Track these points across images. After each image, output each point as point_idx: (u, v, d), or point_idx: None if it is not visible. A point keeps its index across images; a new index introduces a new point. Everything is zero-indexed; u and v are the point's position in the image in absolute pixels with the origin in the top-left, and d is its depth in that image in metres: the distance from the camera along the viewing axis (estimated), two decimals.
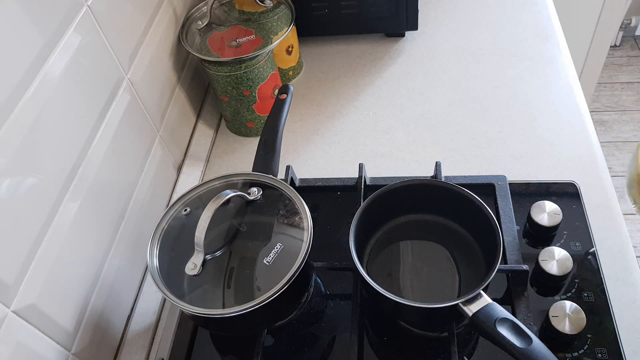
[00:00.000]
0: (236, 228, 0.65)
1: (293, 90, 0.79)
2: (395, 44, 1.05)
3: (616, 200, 0.77)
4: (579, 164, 0.82)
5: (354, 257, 0.62)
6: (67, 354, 0.61)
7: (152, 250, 0.63)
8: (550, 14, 1.07)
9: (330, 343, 0.68)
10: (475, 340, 0.67)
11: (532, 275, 0.69)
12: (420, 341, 0.68)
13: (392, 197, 0.68)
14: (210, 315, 0.58)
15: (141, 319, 0.74)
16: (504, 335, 0.53)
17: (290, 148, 0.91)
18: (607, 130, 2.07)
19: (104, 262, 0.68)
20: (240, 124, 0.93)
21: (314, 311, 0.71)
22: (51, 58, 0.57)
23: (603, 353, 0.62)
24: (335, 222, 0.78)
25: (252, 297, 0.57)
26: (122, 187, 0.73)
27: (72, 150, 0.62)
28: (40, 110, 0.56)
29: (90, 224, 0.65)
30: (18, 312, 0.52)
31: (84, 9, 0.63)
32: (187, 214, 0.66)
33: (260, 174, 0.69)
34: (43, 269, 0.56)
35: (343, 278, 0.74)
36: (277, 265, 0.60)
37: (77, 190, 0.62)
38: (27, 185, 0.54)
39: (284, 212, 0.65)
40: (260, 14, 0.91)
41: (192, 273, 0.61)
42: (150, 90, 0.80)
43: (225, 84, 0.86)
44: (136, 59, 0.75)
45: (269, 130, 0.73)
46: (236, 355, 0.71)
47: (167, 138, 0.86)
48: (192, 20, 0.91)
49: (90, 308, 0.65)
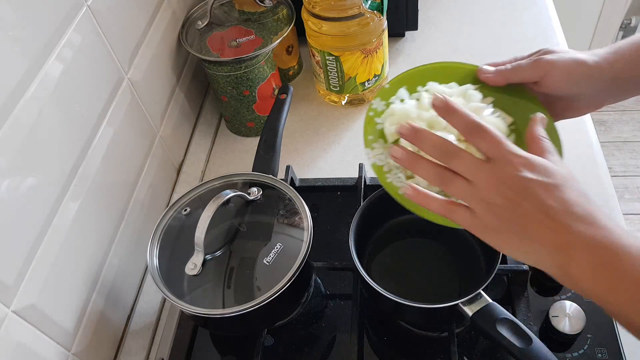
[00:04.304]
0: (236, 228, 0.65)
1: (293, 90, 0.79)
2: (395, 44, 1.05)
3: (616, 200, 0.77)
4: (579, 164, 0.82)
5: (354, 257, 0.62)
6: (67, 354, 0.61)
7: (152, 250, 0.63)
8: (550, 14, 1.07)
9: (330, 343, 0.68)
10: (475, 340, 0.67)
11: (532, 275, 0.69)
12: (420, 341, 0.68)
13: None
14: (210, 315, 0.58)
15: (141, 319, 0.74)
16: (504, 335, 0.53)
17: (290, 148, 0.91)
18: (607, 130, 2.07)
19: (104, 262, 0.68)
20: (240, 124, 0.93)
21: (314, 311, 0.71)
22: (51, 58, 0.57)
23: (603, 353, 0.62)
24: (335, 222, 0.78)
25: (252, 297, 0.58)
26: (122, 187, 0.73)
27: (72, 150, 0.62)
28: (40, 110, 0.56)
29: (90, 224, 0.65)
30: (18, 312, 0.52)
31: (84, 9, 0.63)
32: (187, 214, 0.66)
33: (260, 174, 0.69)
34: (43, 269, 0.56)
35: (343, 278, 0.74)
36: (277, 265, 0.60)
37: (77, 190, 0.62)
38: (27, 185, 0.54)
39: (284, 212, 0.65)
40: (260, 14, 0.91)
41: (192, 273, 0.61)
42: (150, 90, 0.80)
43: (225, 84, 0.86)
44: (136, 59, 0.75)
45: (269, 130, 0.73)
46: (236, 355, 0.71)
47: (167, 138, 0.86)
48: (192, 20, 0.91)
49: (90, 308, 0.65)
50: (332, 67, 0.89)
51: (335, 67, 0.88)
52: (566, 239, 0.44)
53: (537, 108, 0.56)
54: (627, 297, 0.42)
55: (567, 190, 0.45)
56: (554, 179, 0.45)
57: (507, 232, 0.46)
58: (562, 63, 0.54)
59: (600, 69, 0.54)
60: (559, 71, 0.54)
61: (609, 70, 0.54)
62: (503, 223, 0.46)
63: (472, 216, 0.47)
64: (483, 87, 0.57)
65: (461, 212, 0.48)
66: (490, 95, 0.57)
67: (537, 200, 0.45)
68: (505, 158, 0.46)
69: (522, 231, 0.45)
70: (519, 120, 0.56)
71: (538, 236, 0.45)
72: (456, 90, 0.57)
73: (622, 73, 0.54)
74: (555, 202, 0.44)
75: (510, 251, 0.47)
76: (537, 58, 0.55)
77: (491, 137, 0.47)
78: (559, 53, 0.55)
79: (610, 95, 0.57)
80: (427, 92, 0.57)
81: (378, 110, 0.58)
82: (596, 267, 0.43)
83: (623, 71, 0.54)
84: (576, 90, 0.56)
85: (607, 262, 0.42)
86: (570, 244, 0.43)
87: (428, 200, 0.49)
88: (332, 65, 0.88)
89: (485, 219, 0.47)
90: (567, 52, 0.55)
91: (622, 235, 0.43)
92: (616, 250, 0.42)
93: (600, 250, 0.43)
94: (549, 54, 0.55)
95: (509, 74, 0.56)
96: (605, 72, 0.54)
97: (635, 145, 2.02)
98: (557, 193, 0.45)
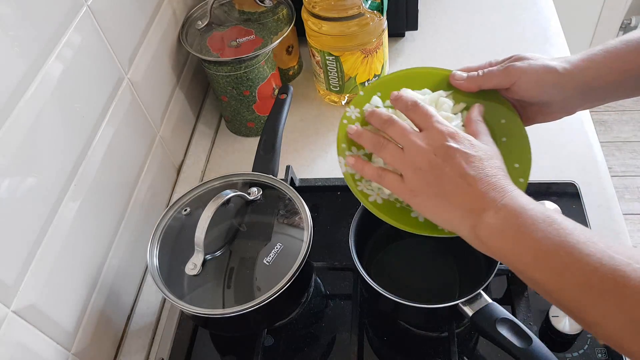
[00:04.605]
0: (236, 228, 0.65)
1: (293, 90, 0.79)
2: (395, 44, 1.05)
3: (616, 200, 0.77)
4: (579, 164, 0.82)
5: (354, 257, 0.62)
6: (67, 354, 0.61)
7: (152, 250, 0.63)
8: (550, 14, 1.07)
9: (330, 343, 0.68)
10: (475, 340, 0.67)
11: None
12: (420, 341, 0.68)
13: None
14: (210, 315, 0.58)
15: (141, 319, 0.74)
16: (504, 335, 0.53)
17: (290, 148, 0.91)
18: (607, 130, 2.07)
19: (104, 262, 0.68)
20: (240, 124, 0.93)
21: (314, 311, 0.71)
22: (51, 58, 0.57)
23: (603, 353, 0.62)
24: (335, 222, 0.78)
25: (252, 297, 0.58)
26: (122, 187, 0.73)
27: (72, 150, 0.62)
28: (40, 110, 0.56)
29: (90, 224, 0.65)
30: (18, 312, 0.52)
31: (84, 9, 0.63)
32: (187, 214, 0.66)
33: (260, 174, 0.69)
34: (43, 269, 0.56)
35: (343, 278, 0.74)
36: (277, 265, 0.60)
37: (77, 190, 0.62)
38: (27, 185, 0.54)
39: (284, 212, 0.65)
40: (260, 14, 0.91)
41: (192, 273, 0.61)
42: (150, 90, 0.80)
43: (225, 84, 0.86)
44: (136, 59, 0.75)
45: (269, 130, 0.73)
46: (236, 355, 0.71)
47: (167, 138, 0.86)
48: (192, 20, 0.91)
49: (90, 308, 0.65)
50: (332, 67, 0.89)
51: (335, 67, 0.88)
52: (479, 204, 0.48)
53: (509, 112, 0.58)
54: (530, 255, 0.45)
55: (486, 163, 0.50)
56: (476, 151, 0.50)
57: (431, 196, 0.51)
58: (532, 71, 0.55)
59: (571, 76, 0.54)
60: (529, 79, 0.55)
61: (581, 78, 0.54)
62: (427, 187, 0.51)
63: (400, 181, 0.52)
64: (456, 92, 0.59)
65: (391, 176, 0.53)
66: (462, 100, 0.59)
67: (459, 166, 0.49)
68: (434, 128, 0.52)
69: (442, 195, 0.50)
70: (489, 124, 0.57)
71: (455, 200, 0.49)
72: (428, 97, 0.59)
73: (593, 81, 0.54)
74: (474, 171, 0.49)
75: (432, 215, 0.52)
76: (508, 65, 0.57)
77: (423, 111, 0.54)
78: (530, 60, 0.56)
79: (582, 102, 0.57)
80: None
81: (352, 118, 0.59)
82: (503, 228, 0.46)
83: (594, 79, 0.54)
84: (546, 98, 0.57)
85: (512, 223, 0.46)
86: (481, 208, 0.48)
87: (364, 166, 0.56)
88: (332, 65, 0.88)
89: (411, 183, 0.51)
90: (539, 59, 0.56)
91: (528, 202, 0.47)
92: (520, 211, 0.46)
93: (507, 213, 0.47)
94: (520, 61, 0.56)
95: (480, 81, 0.58)
96: (577, 80, 0.54)
97: (635, 145, 2.02)
98: (477, 163, 0.49)
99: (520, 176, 0.56)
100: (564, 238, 0.43)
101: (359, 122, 0.59)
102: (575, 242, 0.43)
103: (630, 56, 0.53)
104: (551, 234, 0.44)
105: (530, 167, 0.57)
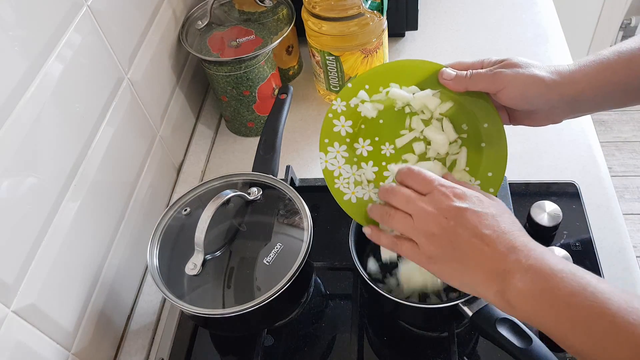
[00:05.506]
0: (236, 228, 0.65)
1: (293, 90, 0.79)
2: (395, 44, 1.05)
3: (616, 200, 0.77)
4: (579, 164, 0.82)
5: (354, 257, 0.62)
6: (67, 354, 0.61)
7: (152, 250, 0.63)
8: (550, 14, 1.07)
9: (330, 343, 0.68)
10: (475, 340, 0.67)
11: None
12: (420, 341, 0.68)
13: None
14: (210, 315, 0.58)
15: (141, 319, 0.74)
16: (504, 335, 0.53)
17: (290, 148, 0.91)
18: (607, 130, 2.07)
19: (104, 262, 0.68)
20: (240, 124, 0.93)
21: (314, 311, 0.71)
22: (51, 58, 0.57)
23: None
24: (335, 222, 0.78)
25: (252, 297, 0.58)
26: (122, 187, 0.73)
27: (72, 150, 0.62)
28: (40, 110, 0.56)
29: (90, 224, 0.65)
30: (18, 312, 0.52)
31: (84, 9, 0.63)
32: (187, 214, 0.66)
33: (260, 174, 0.69)
34: (43, 269, 0.56)
35: (343, 278, 0.74)
36: (277, 265, 0.60)
37: (77, 190, 0.62)
38: (27, 185, 0.54)
39: (284, 212, 0.65)
40: (260, 14, 0.91)
41: (192, 273, 0.61)
42: (150, 90, 0.80)
43: (225, 84, 0.86)
44: (136, 59, 0.75)
45: (269, 130, 0.73)
46: (236, 355, 0.71)
47: (167, 138, 0.86)
48: (192, 20, 0.91)
49: (90, 308, 0.65)
50: (332, 67, 0.89)
51: (335, 67, 0.88)
52: (503, 266, 0.46)
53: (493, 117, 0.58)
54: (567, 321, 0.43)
55: (500, 219, 0.48)
56: (487, 208, 0.48)
57: (449, 261, 0.49)
58: (519, 81, 0.55)
59: (558, 88, 0.54)
60: (514, 88, 0.55)
61: (568, 90, 0.54)
62: (443, 252, 0.48)
63: (415, 248, 0.51)
64: (444, 90, 0.59)
65: (406, 245, 0.52)
66: (450, 99, 0.59)
67: (472, 226, 0.47)
68: (438, 191, 0.50)
69: (461, 258, 0.48)
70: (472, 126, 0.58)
71: (474, 262, 0.47)
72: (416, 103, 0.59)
73: (581, 94, 0.54)
74: (489, 230, 0.47)
75: (453, 281, 0.50)
76: (496, 71, 0.56)
77: (422, 177, 0.52)
78: (519, 68, 0.55)
79: (568, 112, 0.57)
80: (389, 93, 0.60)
81: (337, 112, 0.59)
82: (534, 292, 0.44)
83: (584, 92, 0.54)
84: (530, 107, 0.57)
85: (544, 288, 0.44)
86: (507, 271, 0.45)
87: (380, 236, 0.55)
88: (332, 65, 0.88)
89: (426, 249, 0.49)
90: (529, 66, 0.55)
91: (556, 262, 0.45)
92: (550, 273, 0.44)
93: (534, 275, 0.44)
94: (510, 68, 0.55)
95: (468, 83, 0.58)
96: (564, 92, 0.54)
97: (635, 145, 2.02)
98: (490, 221, 0.47)
99: (491, 186, 0.57)
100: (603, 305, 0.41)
101: (344, 116, 0.59)
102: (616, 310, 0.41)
103: (619, 67, 0.53)
104: (588, 299, 0.42)
105: (502, 178, 0.57)
